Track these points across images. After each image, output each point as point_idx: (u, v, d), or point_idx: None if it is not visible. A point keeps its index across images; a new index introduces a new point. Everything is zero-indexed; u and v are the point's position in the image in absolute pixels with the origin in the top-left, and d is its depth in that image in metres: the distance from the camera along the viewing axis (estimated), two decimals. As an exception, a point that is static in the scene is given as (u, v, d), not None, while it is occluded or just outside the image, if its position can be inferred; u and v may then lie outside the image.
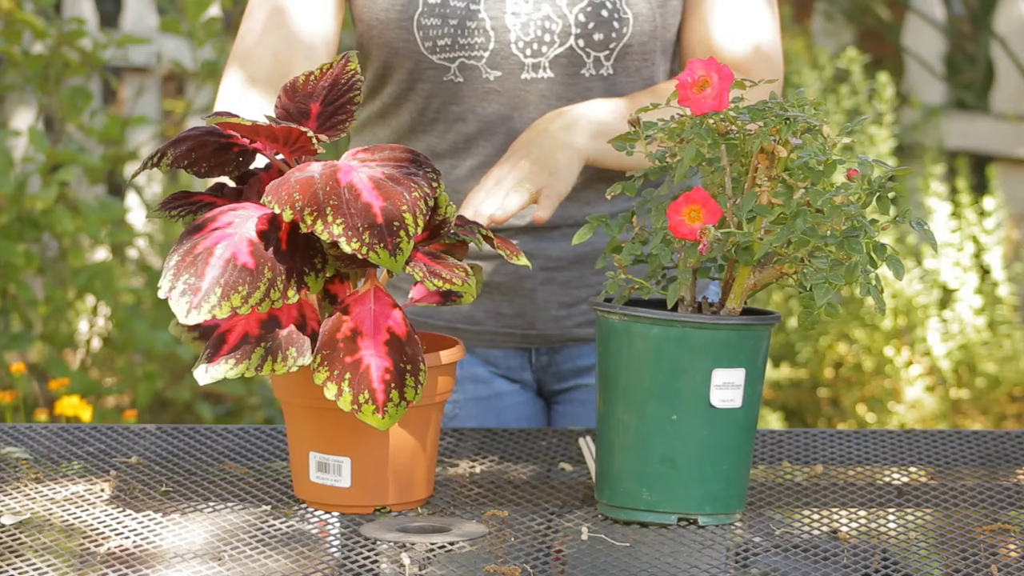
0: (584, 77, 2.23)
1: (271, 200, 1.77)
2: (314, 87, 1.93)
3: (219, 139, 1.91)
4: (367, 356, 1.81)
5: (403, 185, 1.80)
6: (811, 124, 1.82)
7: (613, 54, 2.22)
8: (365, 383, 1.80)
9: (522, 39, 2.21)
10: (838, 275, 1.79)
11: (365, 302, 1.84)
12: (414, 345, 1.82)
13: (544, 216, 2.09)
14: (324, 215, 1.76)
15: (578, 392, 2.38)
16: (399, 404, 1.80)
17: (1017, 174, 5.83)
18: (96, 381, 4.32)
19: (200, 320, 1.76)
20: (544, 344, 2.35)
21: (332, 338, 1.82)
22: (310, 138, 1.85)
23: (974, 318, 4.78)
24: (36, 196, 3.97)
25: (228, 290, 1.77)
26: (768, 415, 4.74)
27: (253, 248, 1.80)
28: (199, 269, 1.78)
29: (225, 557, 1.75)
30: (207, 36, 4.39)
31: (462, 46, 2.21)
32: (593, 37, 2.21)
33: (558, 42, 2.22)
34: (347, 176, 1.80)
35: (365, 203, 1.78)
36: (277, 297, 1.79)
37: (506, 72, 2.23)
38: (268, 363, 1.82)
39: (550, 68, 2.23)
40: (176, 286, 1.78)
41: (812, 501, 1.97)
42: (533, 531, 1.85)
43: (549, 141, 2.14)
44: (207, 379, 1.81)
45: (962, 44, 6.38)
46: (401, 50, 2.23)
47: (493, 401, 2.36)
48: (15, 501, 1.94)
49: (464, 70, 2.22)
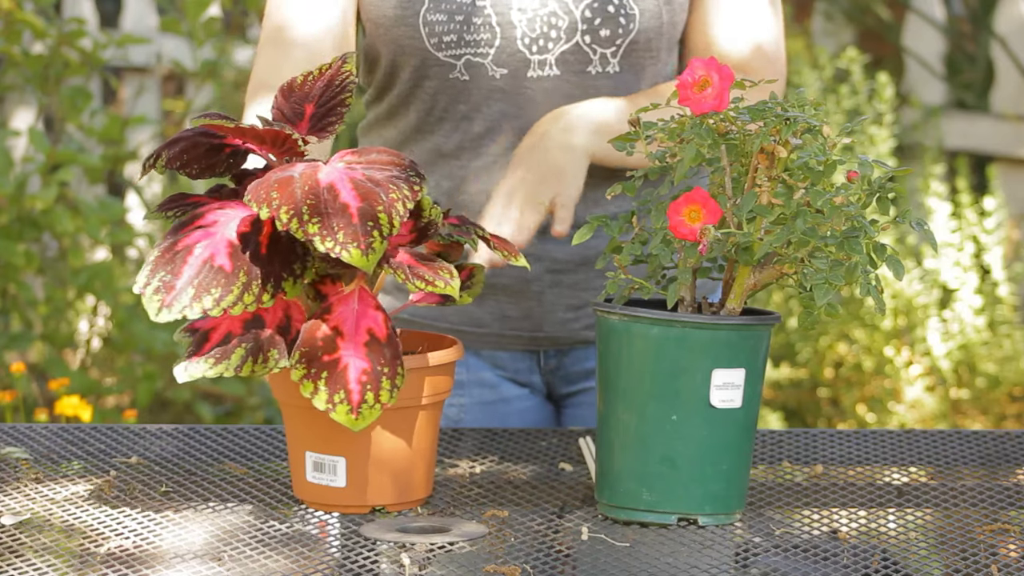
0: (590, 75, 2.23)
1: (250, 199, 1.78)
2: (311, 88, 1.93)
3: (211, 140, 1.91)
4: (346, 356, 1.81)
5: (382, 187, 1.79)
6: (811, 124, 1.82)
7: (620, 50, 2.22)
8: (341, 383, 1.80)
9: (528, 35, 2.21)
10: (838, 275, 1.79)
11: (348, 303, 1.84)
12: (394, 348, 1.82)
13: (564, 230, 2.10)
14: (300, 214, 1.76)
15: (587, 395, 2.38)
16: (374, 406, 1.80)
17: (1017, 174, 5.83)
18: (96, 381, 4.32)
19: (170, 319, 1.76)
20: (552, 346, 2.35)
21: (312, 337, 1.82)
22: (296, 140, 1.85)
23: (974, 318, 4.78)
24: (36, 196, 3.98)
25: (201, 291, 1.77)
26: (768, 415, 4.74)
27: (232, 250, 1.80)
28: (176, 267, 1.78)
29: (225, 557, 1.75)
30: (207, 36, 4.40)
31: (468, 42, 2.21)
32: (599, 33, 2.21)
33: (564, 38, 2.21)
34: (328, 177, 1.80)
35: (343, 203, 1.77)
36: (251, 301, 1.78)
37: (512, 70, 2.22)
38: (249, 364, 1.82)
39: (556, 66, 2.22)
40: (151, 283, 1.78)
41: (812, 501, 1.97)
42: (533, 531, 1.85)
43: (553, 147, 2.14)
44: (186, 377, 1.80)
45: (962, 44, 6.38)
46: (407, 47, 2.23)
47: (499, 406, 2.35)
48: (15, 501, 1.94)
49: (470, 67, 2.22)
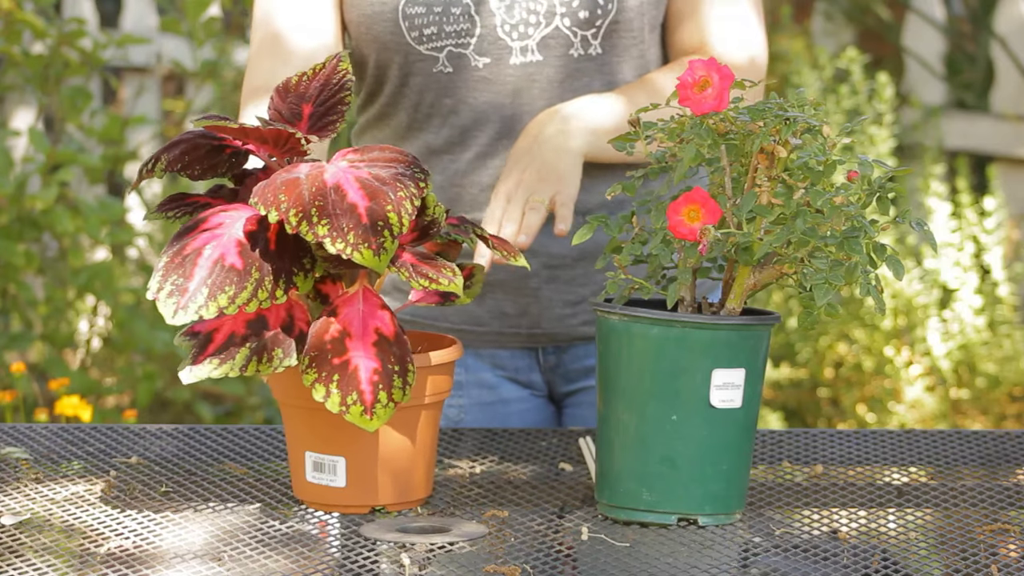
0: (573, 58, 2.23)
1: (257, 202, 1.78)
2: (306, 88, 1.93)
3: (211, 142, 1.91)
4: (355, 357, 1.81)
5: (389, 185, 1.79)
6: (811, 124, 1.82)
7: (600, 32, 2.23)
8: (353, 385, 1.80)
9: (507, 22, 2.22)
10: (838, 275, 1.79)
11: (354, 303, 1.84)
12: (402, 346, 1.82)
13: (565, 228, 2.11)
14: (309, 216, 1.76)
15: (587, 394, 2.38)
16: (387, 405, 1.80)
17: (1017, 174, 5.83)
18: (96, 381, 4.32)
19: (187, 320, 1.76)
20: (551, 343, 2.35)
21: (320, 340, 1.82)
22: (299, 139, 1.85)
23: (974, 318, 4.77)
24: (36, 196, 3.97)
25: (215, 290, 1.77)
26: (768, 415, 4.74)
27: (241, 249, 1.80)
28: (187, 270, 1.78)
29: (225, 557, 1.75)
30: (207, 36, 4.40)
31: (448, 33, 2.22)
32: (578, 15, 2.22)
33: (544, 23, 2.22)
34: (334, 177, 1.80)
35: (351, 203, 1.77)
36: (265, 297, 1.79)
37: (495, 58, 2.23)
38: (253, 364, 1.82)
39: (538, 51, 2.23)
40: (164, 287, 1.78)
41: (812, 501, 1.97)
42: (533, 531, 1.85)
43: (548, 147, 2.15)
44: (191, 378, 1.81)
45: (962, 44, 6.38)
46: (390, 44, 2.24)
47: (499, 407, 2.36)
48: (15, 501, 1.94)
49: (453, 59, 2.23)
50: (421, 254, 1.87)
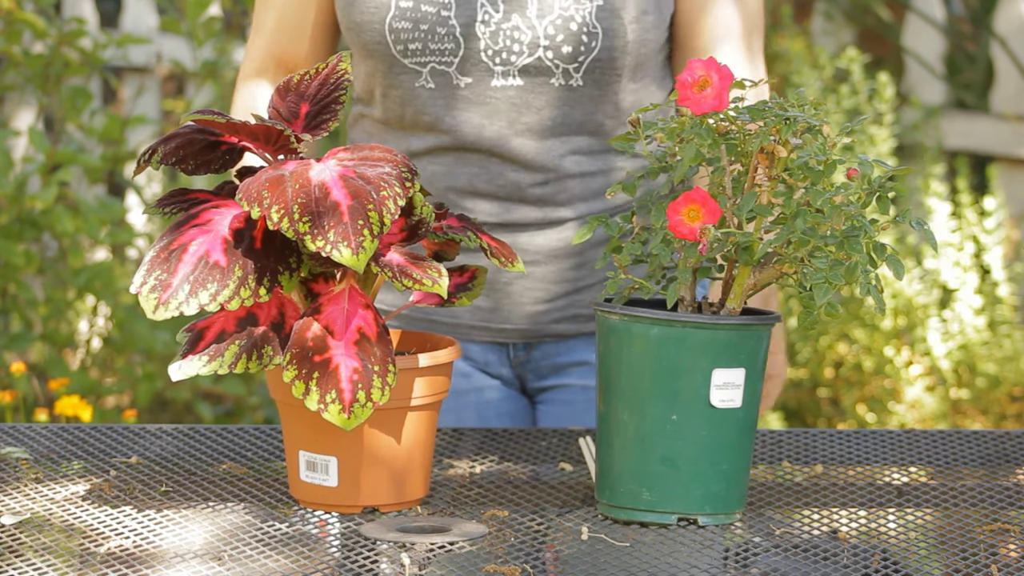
0: (553, 86, 2.26)
1: (241, 198, 1.78)
2: (306, 87, 1.93)
3: (207, 137, 1.91)
4: (336, 356, 1.81)
5: (373, 184, 1.79)
6: (811, 124, 1.82)
7: (583, 67, 2.24)
8: (333, 383, 1.80)
9: (491, 47, 2.24)
10: (838, 275, 1.79)
11: (339, 302, 1.84)
12: (384, 346, 1.82)
13: None
14: (291, 213, 1.76)
15: (560, 392, 2.40)
16: (365, 405, 1.80)
17: (1017, 174, 5.83)
18: (96, 381, 4.32)
19: (167, 316, 1.76)
20: (520, 339, 2.37)
21: (303, 337, 1.82)
22: (288, 136, 1.85)
23: (974, 318, 4.77)
24: (36, 196, 3.97)
25: (196, 287, 1.77)
26: (768, 415, 4.74)
27: (227, 246, 1.80)
28: (172, 266, 1.78)
29: (225, 557, 1.75)
30: (207, 36, 4.40)
31: (432, 51, 2.24)
32: (562, 50, 2.24)
33: (527, 52, 2.24)
34: (319, 175, 1.80)
35: (334, 202, 1.77)
36: (248, 295, 1.79)
37: (477, 79, 2.25)
38: (242, 361, 1.82)
39: (519, 76, 2.25)
40: (147, 282, 1.78)
41: (812, 501, 1.97)
42: (533, 531, 1.85)
43: None
44: (180, 375, 1.81)
45: (962, 44, 6.38)
46: (376, 52, 2.27)
47: (472, 395, 2.38)
48: (15, 501, 1.94)
49: (436, 76, 2.26)
50: (412, 254, 1.87)
